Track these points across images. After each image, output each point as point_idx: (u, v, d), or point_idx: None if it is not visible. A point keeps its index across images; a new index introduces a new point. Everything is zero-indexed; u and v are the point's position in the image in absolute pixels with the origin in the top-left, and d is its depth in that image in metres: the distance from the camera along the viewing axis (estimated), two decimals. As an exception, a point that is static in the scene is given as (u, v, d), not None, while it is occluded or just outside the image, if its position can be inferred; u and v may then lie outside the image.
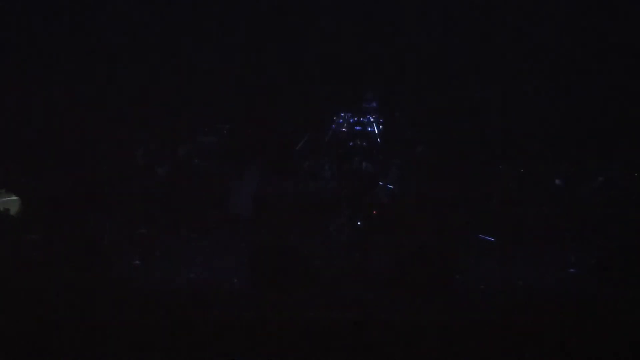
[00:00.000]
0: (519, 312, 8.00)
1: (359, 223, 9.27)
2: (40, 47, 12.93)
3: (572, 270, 9.92)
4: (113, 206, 11.99)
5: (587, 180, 12.06)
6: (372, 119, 12.73)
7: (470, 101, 13.31)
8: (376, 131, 12.65)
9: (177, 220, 11.98)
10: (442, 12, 13.44)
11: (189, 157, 12.66)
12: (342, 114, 12.78)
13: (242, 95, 13.63)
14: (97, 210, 12.00)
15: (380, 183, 9.59)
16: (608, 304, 8.20)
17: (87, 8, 13.09)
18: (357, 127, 12.68)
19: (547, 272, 9.92)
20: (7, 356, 7.19)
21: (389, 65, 13.57)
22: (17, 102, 12.72)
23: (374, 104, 12.78)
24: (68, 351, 7.20)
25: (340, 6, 13.60)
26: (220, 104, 13.55)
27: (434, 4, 13.44)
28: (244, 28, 13.61)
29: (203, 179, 12.55)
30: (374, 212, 9.46)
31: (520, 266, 10.19)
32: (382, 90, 13.15)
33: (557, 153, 12.65)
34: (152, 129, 12.94)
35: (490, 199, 12.25)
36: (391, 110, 13.20)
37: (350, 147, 9.76)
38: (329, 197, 10.54)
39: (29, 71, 12.85)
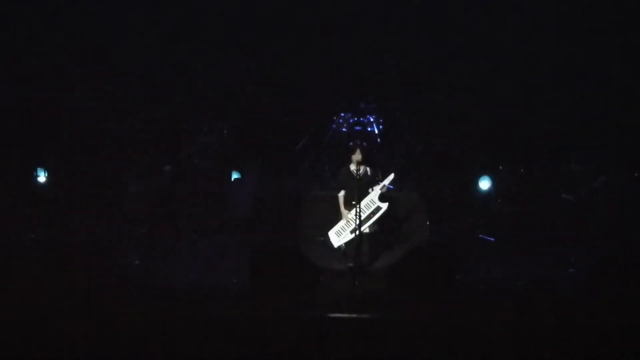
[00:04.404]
0: (519, 312, 8.00)
1: (359, 223, 9.26)
2: (39, 45, 12.94)
3: (572, 270, 9.93)
4: (114, 206, 12.02)
5: (588, 180, 12.08)
6: (372, 119, 12.75)
7: (471, 102, 13.33)
8: (376, 131, 12.67)
9: (177, 221, 12.01)
10: (442, 13, 13.45)
11: (189, 157, 12.67)
12: (342, 114, 12.80)
13: (242, 95, 13.65)
14: (98, 211, 12.03)
15: (380, 183, 9.58)
16: (608, 304, 8.20)
17: (89, 7, 13.11)
18: (357, 127, 12.69)
19: (547, 272, 9.93)
20: (7, 356, 7.19)
21: (389, 66, 13.60)
22: (19, 101, 12.75)
23: (374, 104, 12.81)
24: (68, 351, 7.19)
25: (341, 7, 13.62)
26: (220, 104, 13.57)
27: (434, 4, 13.46)
28: (245, 28, 13.62)
29: (203, 179, 12.57)
30: (372, 214, 9.45)
31: (520, 266, 10.21)
32: (382, 91, 13.19)
33: (558, 153, 12.67)
34: (152, 129, 12.97)
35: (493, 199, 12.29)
36: (391, 110, 13.23)
37: (350, 147, 9.74)
38: (329, 198, 10.53)
39: (28, 69, 12.86)
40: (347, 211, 9.59)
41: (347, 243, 9.56)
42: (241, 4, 13.58)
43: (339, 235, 9.58)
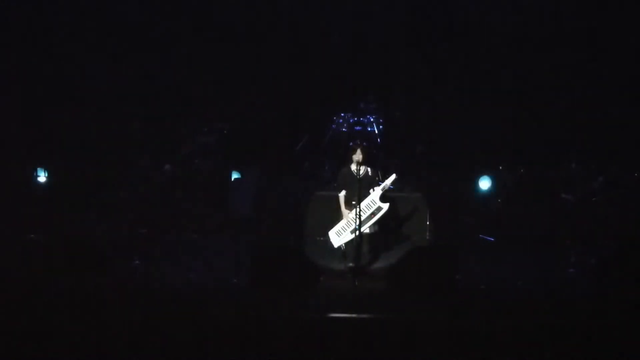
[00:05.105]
0: (519, 312, 8.00)
1: (359, 223, 9.26)
2: (39, 45, 12.95)
3: (572, 270, 9.93)
4: (113, 206, 12.02)
5: (588, 180, 12.07)
6: (372, 119, 12.74)
7: (471, 101, 13.34)
8: (376, 131, 12.67)
9: (178, 221, 12.01)
10: (442, 12, 13.46)
11: (189, 157, 12.67)
12: (342, 114, 12.79)
13: (242, 95, 13.65)
14: (98, 210, 12.04)
15: (382, 183, 9.58)
16: (608, 304, 8.20)
17: (90, 7, 13.11)
18: (357, 127, 12.69)
19: (547, 272, 9.93)
20: (8, 356, 7.19)
21: (389, 66, 13.60)
22: (19, 101, 12.75)
23: (374, 104, 12.80)
24: (68, 351, 7.20)
25: (341, 7, 13.63)
26: (220, 104, 13.57)
27: (434, 4, 13.47)
28: (245, 28, 13.63)
29: (203, 179, 12.57)
30: (373, 214, 9.45)
31: (520, 266, 10.21)
32: (382, 91, 13.18)
33: (558, 154, 12.67)
34: (152, 130, 12.98)
35: (493, 199, 12.29)
36: (391, 110, 13.22)
37: (350, 147, 9.74)
38: (330, 198, 10.54)
39: (28, 69, 12.87)
40: (347, 211, 9.59)
41: (347, 243, 9.56)
42: (241, 3, 13.58)
43: (339, 235, 9.57)
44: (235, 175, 12.90)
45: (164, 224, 11.82)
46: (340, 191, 9.73)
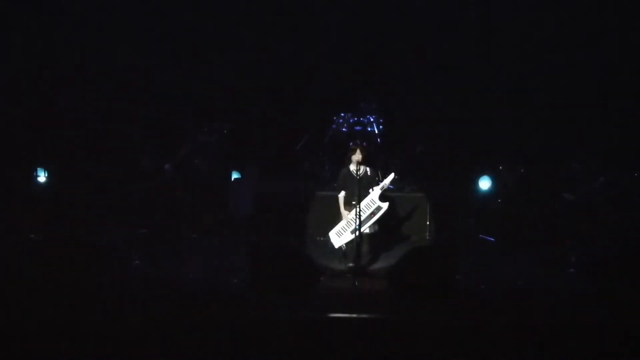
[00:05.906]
0: (519, 312, 8.00)
1: (359, 223, 9.26)
2: (39, 45, 12.94)
3: (572, 270, 9.93)
4: (114, 206, 12.02)
5: (588, 180, 12.07)
6: (372, 119, 12.74)
7: (471, 101, 13.34)
8: (376, 131, 12.66)
9: (178, 221, 12.01)
10: (443, 12, 13.46)
11: (189, 157, 12.66)
12: (342, 114, 12.79)
13: (242, 95, 13.65)
14: (98, 210, 12.03)
15: (381, 183, 9.59)
16: (608, 304, 8.20)
17: (89, 7, 13.11)
18: (357, 127, 12.68)
19: (547, 272, 9.92)
20: (8, 356, 7.19)
21: (389, 66, 13.60)
22: (19, 101, 12.75)
23: (374, 104, 12.80)
24: (68, 351, 7.20)
25: (341, 7, 13.63)
26: (220, 104, 13.57)
27: (434, 4, 13.47)
28: (245, 28, 13.63)
29: (203, 179, 12.57)
30: (373, 214, 9.45)
31: (520, 266, 10.21)
32: (382, 91, 13.18)
33: (558, 154, 12.66)
34: (152, 130, 12.98)
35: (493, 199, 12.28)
36: (391, 110, 13.22)
37: (350, 147, 9.74)
38: (331, 198, 10.54)
39: (28, 70, 12.86)
40: (347, 212, 9.59)
41: (347, 243, 9.56)
42: (241, 3, 13.58)
43: (340, 235, 9.57)
44: (235, 175, 12.89)
45: (164, 224, 11.82)
46: (339, 192, 9.73)
